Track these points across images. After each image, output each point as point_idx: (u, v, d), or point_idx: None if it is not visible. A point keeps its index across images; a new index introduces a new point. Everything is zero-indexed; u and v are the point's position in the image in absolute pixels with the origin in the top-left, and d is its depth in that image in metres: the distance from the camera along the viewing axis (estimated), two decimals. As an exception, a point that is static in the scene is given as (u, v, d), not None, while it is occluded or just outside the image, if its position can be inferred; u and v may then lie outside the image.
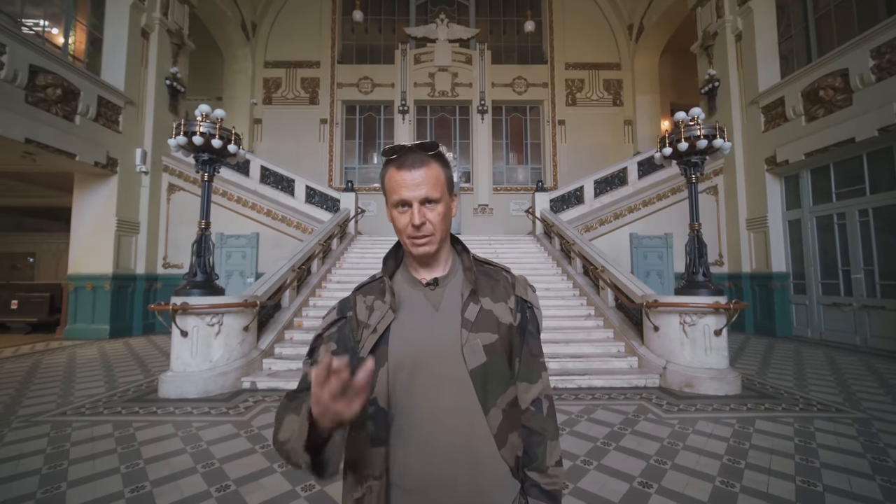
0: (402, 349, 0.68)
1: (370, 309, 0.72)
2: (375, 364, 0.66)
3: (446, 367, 0.67)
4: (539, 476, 0.71)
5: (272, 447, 2.43)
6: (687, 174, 3.93)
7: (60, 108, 5.79)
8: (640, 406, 3.16)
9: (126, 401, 3.35)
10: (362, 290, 0.76)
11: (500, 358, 0.70)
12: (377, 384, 0.67)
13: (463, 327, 0.69)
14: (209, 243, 3.86)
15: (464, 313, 0.70)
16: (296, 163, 9.94)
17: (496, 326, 0.71)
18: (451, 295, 0.72)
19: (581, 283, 5.64)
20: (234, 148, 3.82)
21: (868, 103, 5.17)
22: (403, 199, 0.68)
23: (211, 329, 3.61)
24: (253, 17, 10.59)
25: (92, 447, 2.46)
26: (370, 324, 0.70)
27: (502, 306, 0.74)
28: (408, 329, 0.69)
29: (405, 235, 0.70)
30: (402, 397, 0.67)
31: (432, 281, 0.73)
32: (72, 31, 6.53)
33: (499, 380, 0.70)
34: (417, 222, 0.67)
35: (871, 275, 5.51)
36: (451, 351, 0.68)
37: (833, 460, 2.23)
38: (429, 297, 0.72)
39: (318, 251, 5.97)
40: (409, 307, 0.71)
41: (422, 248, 0.69)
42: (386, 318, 0.69)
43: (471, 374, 0.67)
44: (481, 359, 0.68)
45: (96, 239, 6.73)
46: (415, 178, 0.68)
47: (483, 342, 0.69)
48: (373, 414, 0.66)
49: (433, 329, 0.69)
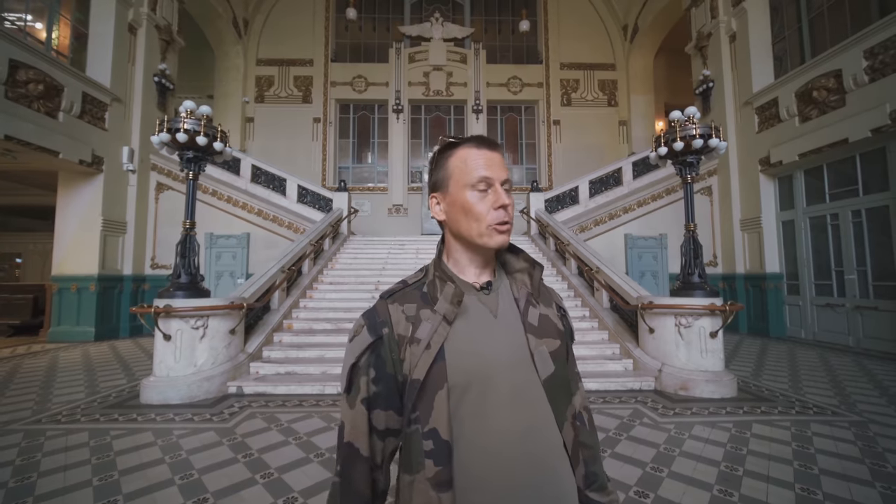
0: (464, 365, 0.58)
1: (414, 320, 0.61)
2: (432, 387, 0.57)
3: (518, 381, 0.60)
4: (601, 496, 0.63)
5: (255, 456, 2.34)
6: (682, 174, 3.89)
7: (43, 105, 5.62)
8: (636, 410, 3.10)
9: (106, 407, 3.22)
10: (395, 299, 0.65)
11: (564, 365, 0.65)
12: (434, 411, 0.56)
13: (529, 333, 0.63)
14: (194, 244, 3.75)
15: (526, 318, 0.64)
16: (289, 162, 9.80)
17: (557, 332, 0.66)
18: (505, 300, 0.66)
19: (576, 283, 5.59)
20: (220, 146, 3.71)
21: (861, 104, 5.18)
22: (486, 176, 0.62)
23: (195, 332, 3.50)
24: (245, 14, 10.43)
25: (65, 458, 2.35)
26: (419, 338, 0.59)
27: (553, 311, 0.69)
28: (468, 341, 0.60)
29: (484, 223, 0.61)
30: (470, 423, 0.57)
31: (486, 284, 0.65)
32: (55, 25, 6.36)
33: (566, 390, 0.64)
34: (507, 201, 0.61)
35: (864, 275, 5.52)
36: (521, 361, 0.61)
37: (832, 466, 2.18)
38: (485, 303, 0.64)
39: (309, 251, 5.86)
40: (464, 315, 0.62)
41: (502, 236, 0.62)
42: (442, 330, 0.59)
43: (544, 385, 0.61)
44: (551, 367, 0.62)
45: (81, 239, 6.56)
46: (496, 158, 0.63)
47: (549, 348, 0.63)
48: (432, 451, 0.55)
49: (496, 337, 0.61)
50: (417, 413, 0.57)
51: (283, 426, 2.81)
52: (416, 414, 0.57)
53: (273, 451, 2.41)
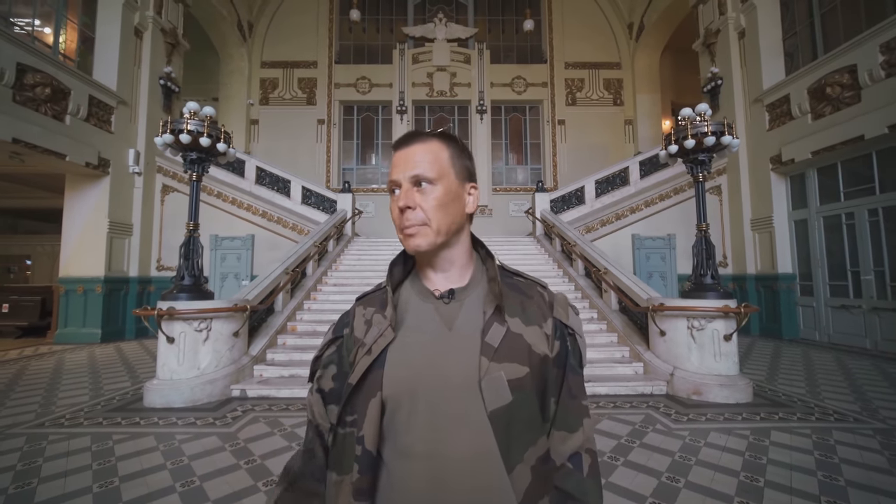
0: (400, 376, 0.54)
1: (368, 324, 0.60)
2: (365, 393, 0.55)
3: (457, 406, 0.52)
4: None
5: (258, 462, 2.29)
6: (693, 172, 3.79)
7: (50, 108, 5.66)
8: (648, 416, 3.01)
9: (109, 410, 3.20)
10: (363, 301, 0.65)
11: (530, 398, 0.55)
12: (367, 419, 0.53)
13: (482, 354, 0.54)
14: (198, 245, 3.72)
15: (485, 336, 0.55)
16: (293, 164, 9.81)
17: (527, 356, 0.56)
18: (469, 312, 0.58)
19: (583, 285, 5.49)
20: (224, 147, 3.68)
21: (877, 100, 5.04)
22: (393, 180, 0.58)
23: (199, 335, 3.46)
24: (249, 17, 10.48)
25: (66, 463, 2.31)
26: (366, 342, 0.57)
27: (536, 331, 0.58)
28: (410, 351, 0.55)
29: (396, 227, 0.59)
30: (397, 440, 0.53)
31: (447, 293, 0.59)
32: (62, 29, 6.41)
33: (527, 426, 0.54)
34: (401, 204, 0.56)
35: (881, 276, 5.36)
36: (464, 384, 0.53)
37: (859, 477, 2.08)
38: (441, 313, 0.58)
39: (313, 253, 5.83)
40: (415, 324, 0.57)
41: (412, 240, 0.57)
42: (384, 337, 0.56)
43: (490, 416, 0.52)
44: (505, 398, 0.53)
45: (88, 241, 6.59)
46: (407, 154, 0.58)
47: (508, 375, 0.53)
48: (359, 457, 0.53)
49: (444, 354, 0.55)
50: (355, 416, 0.55)
51: (286, 431, 2.76)
52: (354, 417, 0.55)
53: (276, 458, 2.36)
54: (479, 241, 0.66)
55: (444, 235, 0.58)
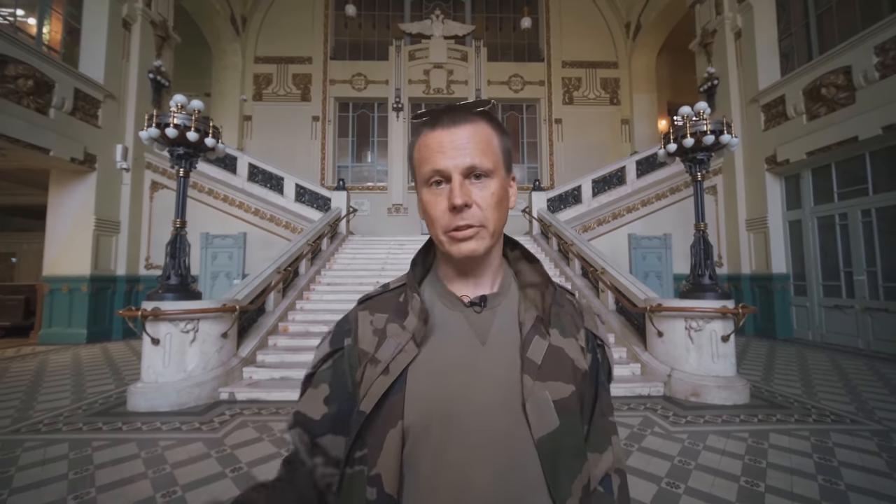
0: (427, 401, 0.45)
1: (380, 334, 0.50)
2: (382, 423, 0.45)
3: (498, 434, 0.44)
4: None
5: (244, 470, 2.20)
6: (692, 171, 3.75)
7: (33, 101, 5.47)
8: (646, 418, 2.97)
9: (91, 415, 3.08)
10: (369, 306, 0.53)
11: (576, 420, 0.48)
12: (383, 454, 0.44)
13: (525, 372, 0.46)
14: (185, 244, 3.61)
15: (526, 351, 0.47)
16: (287, 161, 9.65)
17: (571, 373, 0.49)
18: (504, 322, 0.50)
19: (580, 284, 5.45)
20: (213, 141, 3.57)
21: (872, 101, 5.05)
22: (438, 168, 0.47)
23: (185, 336, 3.35)
24: (243, 11, 10.29)
25: (41, 472, 2.20)
26: (379, 358, 0.47)
27: (573, 344, 0.51)
28: (438, 370, 0.47)
29: (440, 227, 0.48)
30: (420, 478, 0.44)
31: (478, 300, 0.51)
32: (47, 20, 6.22)
33: (574, 453, 0.47)
34: (459, 202, 0.45)
35: (873, 277, 5.39)
36: (506, 408, 0.45)
37: (859, 481, 2.04)
38: (472, 324, 0.49)
39: (306, 251, 5.72)
40: (442, 337, 0.49)
41: (466, 244, 0.47)
42: (406, 353, 0.47)
43: (537, 445, 0.44)
44: (553, 422, 0.45)
45: (73, 239, 6.41)
46: (456, 138, 0.47)
47: (554, 396, 0.46)
48: (374, 502, 0.44)
49: (478, 372, 0.47)
50: (365, 451, 0.45)
51: (274, 436, 2.67)
52: (364, 452, 0.45)
53: (263, 465, 2.27)
54: (511, 240, 0.57)
55: (498, 238, 0.50)
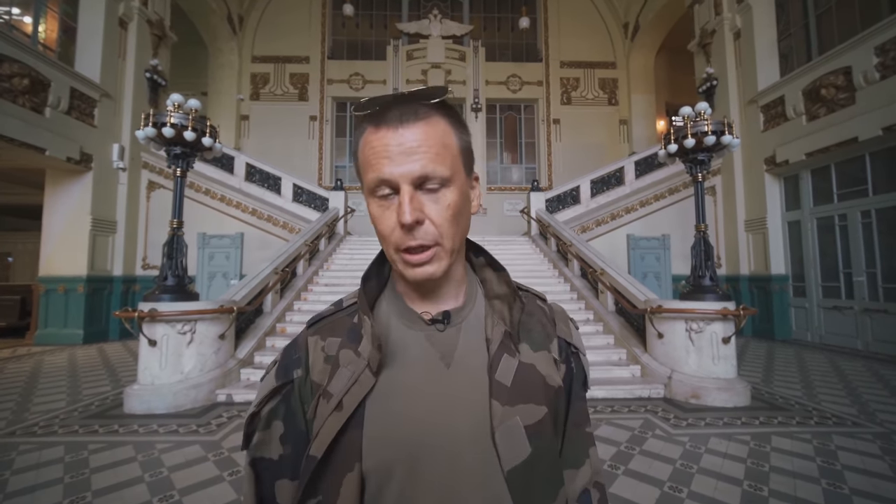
0: (388, 439, 0.40)
1: (332, 362, 0.43)
2: (336, 468, 0.40)
3: (467, 471, 0.40)
4: None
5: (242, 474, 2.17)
6: (692, 172, 3.74)
7: (28, 100, 5.42)
8: (647, 420, 2.95)
9: (86, 417, 3.04)
10: (319, 329, 0.47)
11: (551, 445, 0.43)
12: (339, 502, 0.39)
13: (494, 398, 0.41)
14: (182, 244, 3.57)
15: (494, 372, 0.42)
16: (285, 161, 9.60)
17: (542, 392, 0.44)
18: (470, 340, 0.45)
19: (579, 286, 5.44)
20: (210, 141, 3.53)
21: (872, 102, 5.05)
22: (384, 178, 0.40)
23: (182, 337, 3.32)
24: (240, 10, 10.23)
25: (35, 476, 2.17)
26: (331, 392, 0.41)
27: (545, 357, 0.46)
28: (399, 401, 0.41)
29: (391, 245, 0.41)
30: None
31: (440, 316, 0.45)
32: (42, 18, 6.16)
33: (549, 481, 0.42)
34: (408, 220, 0.39)
35: (873, 278, 5.39)
36: (474, 440, 0.41)
37: (863, 485, 2.03)
38: (435, 344, 0.44)
39: (304, 252, 5.68)
40: (401, 361, 0.43)
41: (421, 269, 0.41)
42: (360, 384, 0.41)
43: (507, 478, 0.40)
44: (524, 451, 0.41)
45: (69, 239, 6.35)
46: (405, 140, 0.40)
47: (525, 421, 0.42)
48: None
49: (445, 400, 0.41)
50: (319, 498, 0.40)
51: (273, 439, 2.64)
52: (318, 499, 0.40)
53: (261, 469, 2.24)
54: (475, 245, 0.50)
55: (458, 252, 0.44)
